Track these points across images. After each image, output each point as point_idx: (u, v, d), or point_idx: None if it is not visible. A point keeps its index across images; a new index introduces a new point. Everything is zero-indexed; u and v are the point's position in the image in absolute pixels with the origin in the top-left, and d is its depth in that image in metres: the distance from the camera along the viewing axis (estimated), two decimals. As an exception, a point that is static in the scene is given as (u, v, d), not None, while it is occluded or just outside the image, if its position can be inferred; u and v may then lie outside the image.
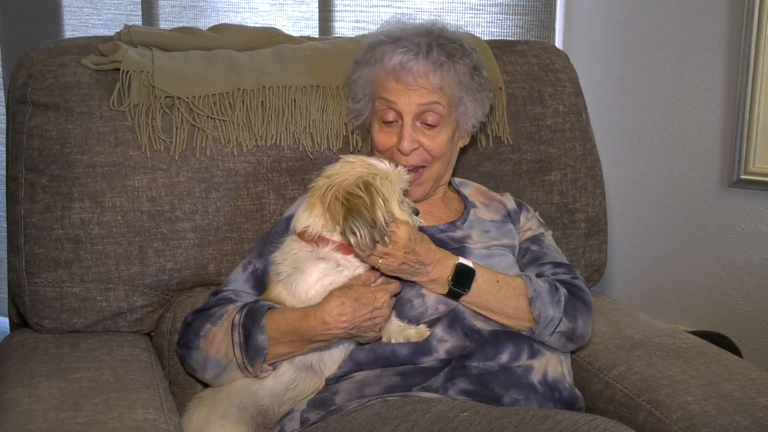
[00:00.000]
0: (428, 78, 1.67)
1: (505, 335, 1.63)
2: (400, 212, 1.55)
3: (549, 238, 1.84)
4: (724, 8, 2.48)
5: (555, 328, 1.63)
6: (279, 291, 1.60)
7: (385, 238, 1.51)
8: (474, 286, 1.61)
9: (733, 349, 2.39)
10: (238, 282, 1.71)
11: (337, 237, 1.55)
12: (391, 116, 1.70)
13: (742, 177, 2.49)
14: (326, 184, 1.55)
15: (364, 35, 1.90)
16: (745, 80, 2.43)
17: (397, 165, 1.61)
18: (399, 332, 1.60)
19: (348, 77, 1.83)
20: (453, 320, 1.62)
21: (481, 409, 1.44)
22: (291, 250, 1.59)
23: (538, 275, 1.72)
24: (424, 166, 1.71)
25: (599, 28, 2.74)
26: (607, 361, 1.76)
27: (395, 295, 1.61)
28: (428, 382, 1.56)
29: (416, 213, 1.60)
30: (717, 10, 2.49)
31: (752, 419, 1.48)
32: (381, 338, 1.61)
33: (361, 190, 1.51)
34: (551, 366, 1.64)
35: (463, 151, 1.98)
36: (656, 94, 2.65)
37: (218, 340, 1.59)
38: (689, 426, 1.51)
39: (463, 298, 1.62)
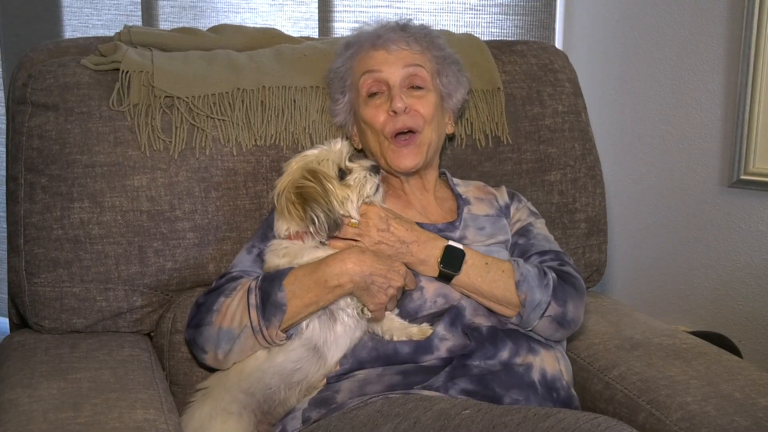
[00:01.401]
0: (408, 44, 1.73)
1: (503, 332, 1.63)
2: (338, 188, 1.59)
3: (538, 227, 1.83)
4: (724, 8, 2.48)
5: (543, 312, 1.63)
6: None
7: (353, 219, 1.59)
8: (464, 267, 1.62)
9: (733, 350, 2.39)
10: (245, 263, 1.71)
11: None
12: (376, 87, 1.73)
13: (742, 177, 2.49)
14: (275, 193, 1.61)
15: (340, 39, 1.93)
16: (745, 80, 2.42)
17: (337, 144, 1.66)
18: (401, 330, 1.61)
19: (326, 75, 1.87)
20: (455, 318, 1.63)
21: (483, 407, 1.44)
22: (281, 246, 1.63)
23: None
24: (416, 132, 1.72)
25: (599, 28, 2.74)
26: (607, 361, 1.76)
27: (407, 290, 1.64)
28: (429, 381, 1.56)
29: (376, 170, 1.64)
30: (717, 10, 2.49)
31: (752, 420, 1.48)
32: (383, 323, 1.62)
33: (309, 180, 1.57)
34: (548, 363, 1.64)
35: (463, 150, 1.99)
36: (656, 94, 2.65)
37: (232, 309, 1.59)
38: (689, 426, 1.51)
39: (453, 280, 1.63)
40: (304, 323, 1.59)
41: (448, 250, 1.63)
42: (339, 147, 1.63)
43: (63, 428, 1.36)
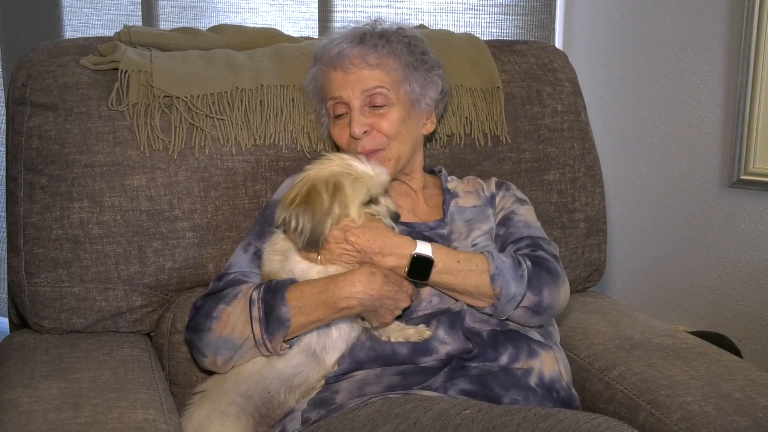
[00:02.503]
0: (365, 59, 1.70)
1: (503, 336, 1.63)
2: (356, 214, 1.56)
3: (521, 213, 1.81)
4: (724, 8, 2.48)
5: (518, 304, 1.62)
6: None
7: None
8: (433, 272, 1.60)
9: (733, 350, 2.39)
10: (242, 263, 1.70)
11: None
12: (341, 109, 1.72)
13: (742, 177, 2.49)
14: (302, 177, 1.58)
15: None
16: (745, 80, 2.42)
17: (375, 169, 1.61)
18: (398, 332, 1.61)
19: (303, 88, 1.86)
20: (454, 321, 1.62)
21: (483, 407, 1.44)
22: (277, 241, 1.62)
23: None
24: (381, 149, 1.71)
25: (599, 28, 2.74)
26: (607, 361, 1.76)
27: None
28: (428, 381, 1.56)
29: (396, 218, 1.62)
30: (717, 10, 2.49)
31: (752, 419, 1.48)
32: (382, 335, 1.61)
33: (327, 191, 1.54)
34: (548, 365, 1.63)
35: (462, 149, 1.99)
36: (656, 94, 2.65)
37: (234, 319, 1.58)
38: (689, 426, 1.51)
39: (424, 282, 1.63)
40: None
41: (415, 260, 1.60)
42: (382, 179, 1.60)
43: (63, 428, 1.36)
